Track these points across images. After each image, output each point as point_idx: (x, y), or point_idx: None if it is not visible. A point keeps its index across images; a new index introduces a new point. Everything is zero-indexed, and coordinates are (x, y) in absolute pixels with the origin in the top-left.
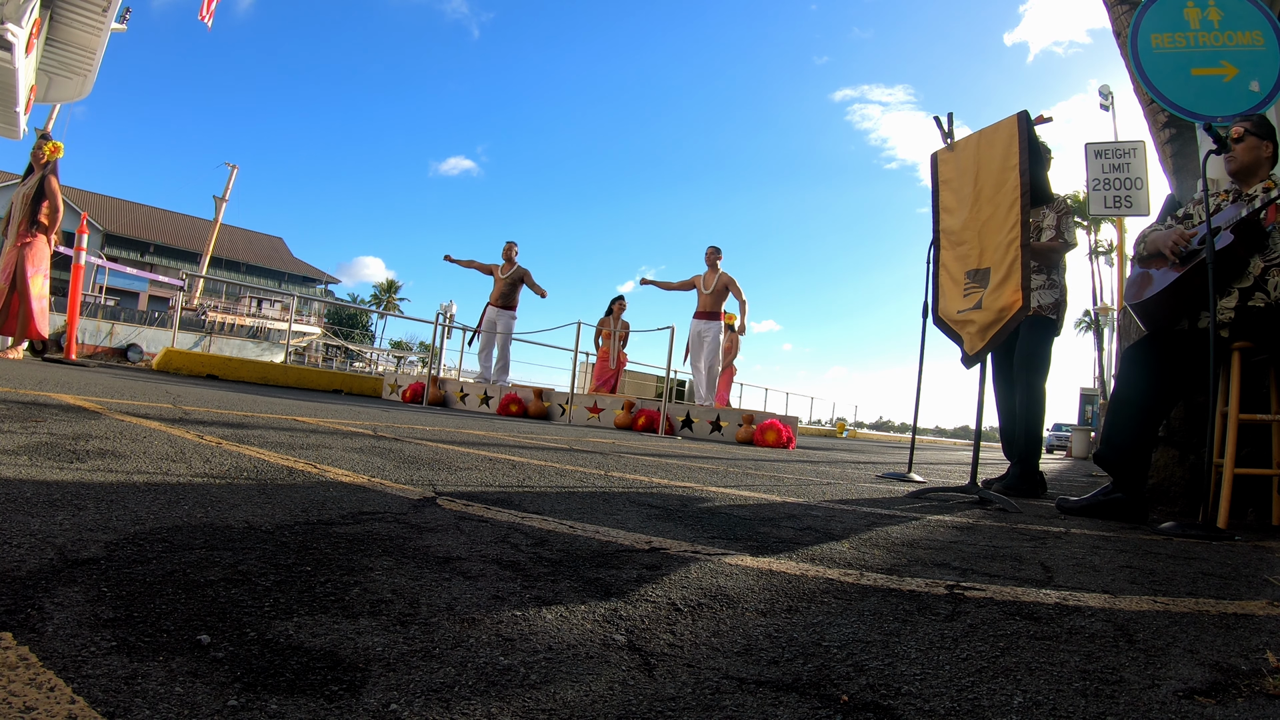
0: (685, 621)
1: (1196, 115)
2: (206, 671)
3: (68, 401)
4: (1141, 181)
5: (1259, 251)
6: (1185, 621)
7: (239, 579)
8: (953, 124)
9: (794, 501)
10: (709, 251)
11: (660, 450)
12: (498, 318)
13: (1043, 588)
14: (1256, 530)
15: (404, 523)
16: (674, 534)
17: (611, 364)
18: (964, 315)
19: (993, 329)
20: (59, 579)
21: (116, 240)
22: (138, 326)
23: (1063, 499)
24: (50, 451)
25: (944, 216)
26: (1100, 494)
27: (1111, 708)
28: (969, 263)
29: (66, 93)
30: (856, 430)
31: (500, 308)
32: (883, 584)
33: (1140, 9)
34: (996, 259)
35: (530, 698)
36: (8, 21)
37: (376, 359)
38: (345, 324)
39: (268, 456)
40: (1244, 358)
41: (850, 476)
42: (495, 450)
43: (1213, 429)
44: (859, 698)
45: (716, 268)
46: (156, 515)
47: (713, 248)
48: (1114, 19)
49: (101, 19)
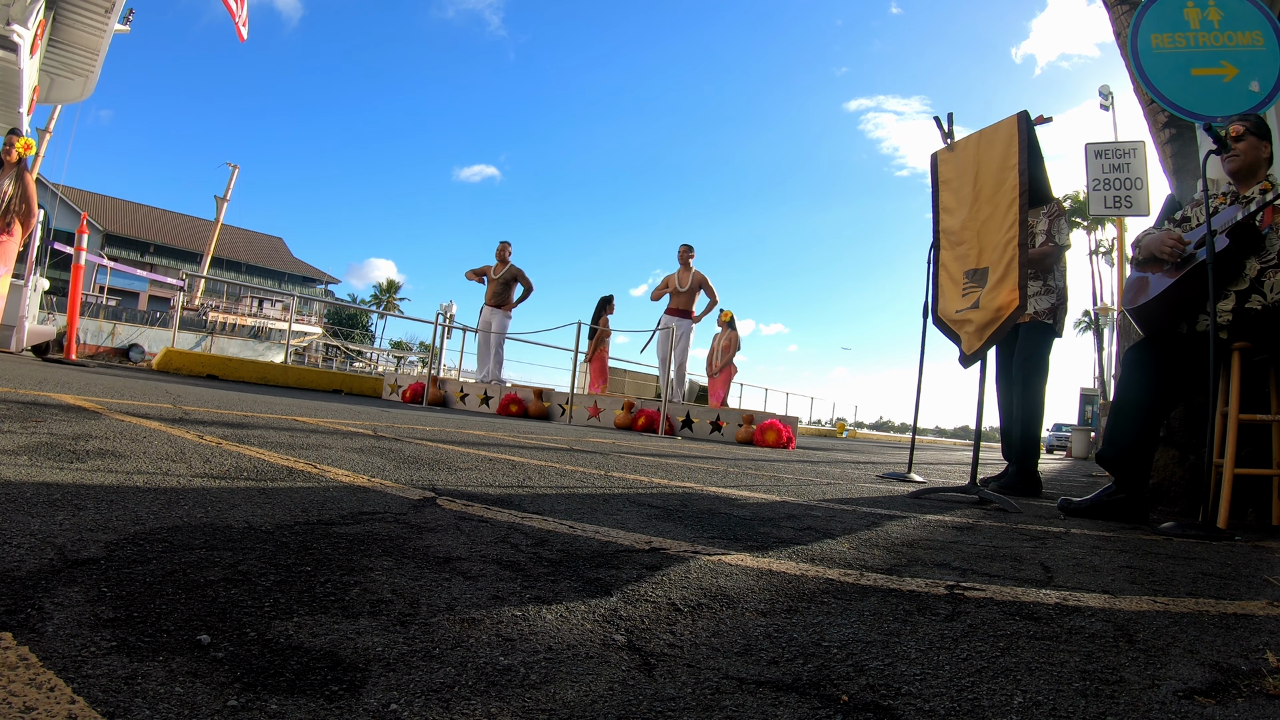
0: (685, 621)
1: (1196, 115)
2: (206, 671)
3: (68, 401)
4: (1141, 181)
5: (1255, 254)
6: (1185, 621)
7: (239, 579)
8: (953, 124)
9: (794, 501)
10: (681, 250)
11: (660, 450)
12: (492, 317)
13: (1043, 588)
14: (1256, 530)
15: (404, 523)
16: (674, 534)
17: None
18: (962, 315)
19: (990, 328)
20: (59, 579)
21: (116, 240)
22: (140, 326)
23: (1066, 499)
24: (50, 451)
25: (944, 217)
26: (1103, 494)
27: (1111, 708)
28: (968, 262)
29: (69, 93)
30: (856, 430)
31: (494, 307)
32: (883, 584)
33: (1140, 9)
34: (994, 258)
35: (530, 698)
36: (14, 22)
37: (376, 359)
38: (345, 324)
39: (268, 456)
40: (1244, 358)
41: (850, 476)
42: (495, 450)
43: (1213, 429)
44: (859, 698)
45: (689, 266)
46: (156, 515)
47: (685, 245)
48: (1114, 19)
49: (105, 20)
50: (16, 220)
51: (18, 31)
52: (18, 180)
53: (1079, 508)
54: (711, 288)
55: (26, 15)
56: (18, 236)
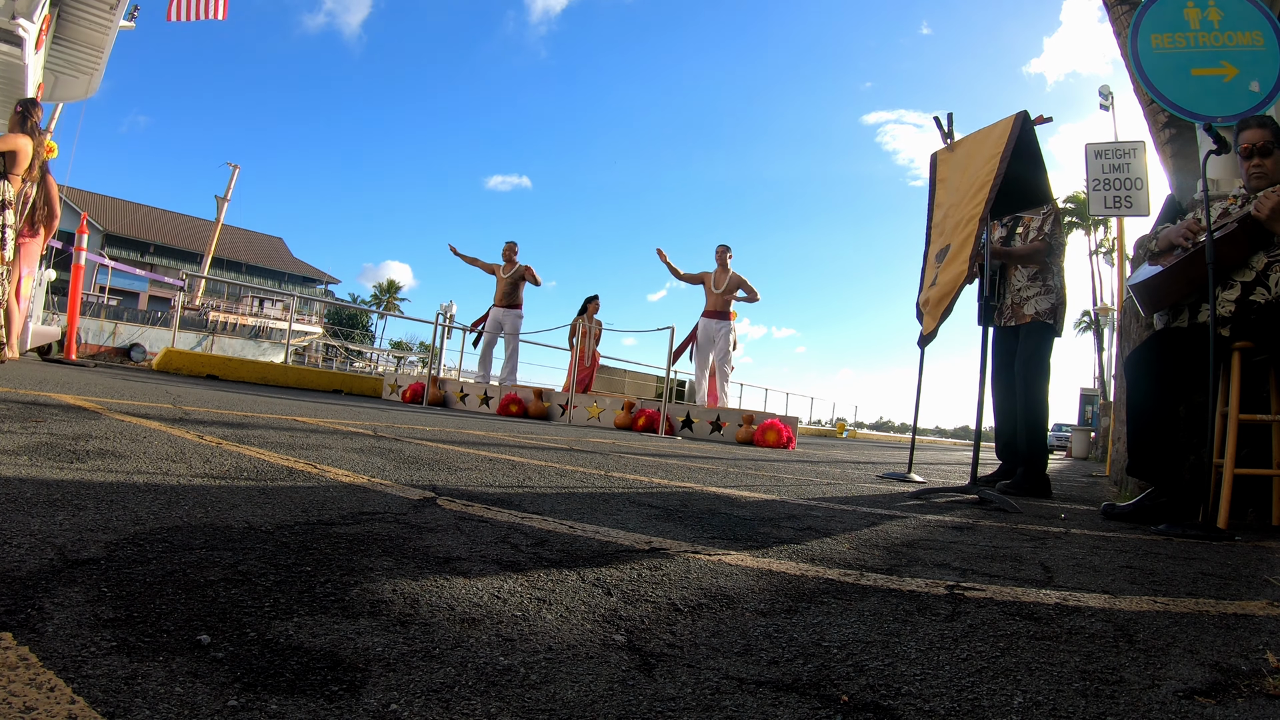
0: (685, 621)
1: (1196, 115)
2: (206, 671)
3: (68, 401)
4: (1141, 181)
5: (1263, 248)
6: (1185, 622)
7: (239, 579)
8: (952, 124)
9: (794, 501)
10: (719, 250)
11: (660, 450)
12: (503, 317)
13: (1043, 588)
14: (1256, 530)
15: (404, 523)
16: (674, 534)
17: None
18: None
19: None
20: (59, 579)
21: (116, 240)
22: (141, 326)
23: (1109, 505)
24: (50, 451)
25: (936, 213)
26: (1146, 498)
27: (1111, 708)
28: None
29: (73, 92)
30: (856, 430)
31: (505, 307)
32: (883, 584)
33: (1140, 9)
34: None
35: (530, 698)
36: (19, 16)
37: (376, 359)
38: (345, 324)
39: (268, 456)
40: (1244, 358)
41: (850, 476)
42: (495, 450)
43: (1213, 429)
44: (859, 698)
45: (727, 267)
46: (156, 515)
47: (722, 246)
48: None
49: (110, 17)
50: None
51: (23, 25)
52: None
53: (1123, 512)
54: (751, 286)
55: (31, 10)
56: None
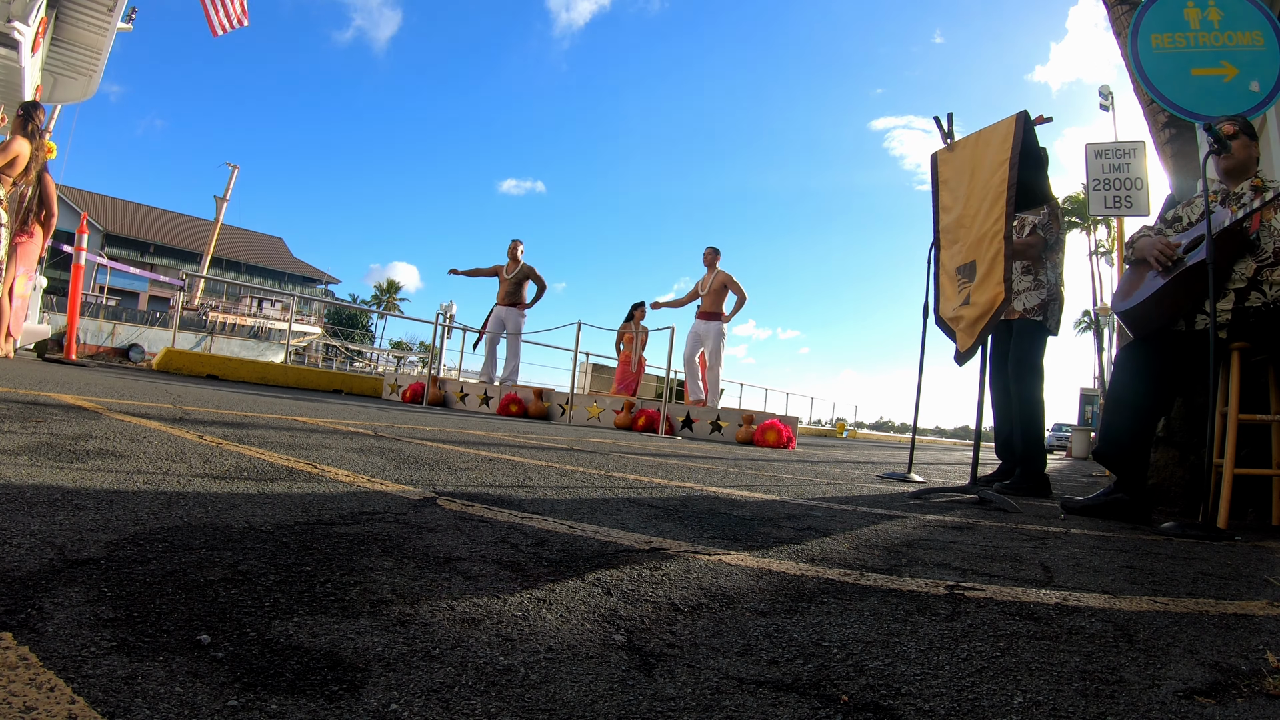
0: (685, 621)
1: (1196, 115)
2: (206, 671)
3: (68, 401)
4: (1141, 181)
5: (1242, 258)
6: (1185, 622)
7: (239, 579)
8: (953, 124)
9: (794, 501)
10: (707, 252)
11: (660, 450)
12: (506, 316)
13: (1043, 588)
14: (1256, 530)
15: (404, 523)
16: (674, 534)
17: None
18: (956, 312)
19: (980, 323)
20: (59, 579)
21: (116, 240)
22: (140, 326)
23: (1067, 499)
24: (50, 451)
25: (943, 216)
26: (1103, 494)
27: (1111, 708)
28: (958, 259)
29: (71, 93)
30: (856, 430)
31: (508, 306)
32: (883, 584)
33: (1140, 9)
34: (981, 252)
35: (530, 698)
36: (15, 20)
37: (376, 359)
38: (345, 324)
39: (268, 456)
40: (1243, 358)
41: (850, 476)
42: (495, 450)
43: (1212, 429)
44: (859, 698)
45: (714, 267)
46: (156, 515)
47: (710, 248)
48: (1114, 19)
49: (108, 19)
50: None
51: (19, 28)
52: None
53: (1078, 507)
54: (738, 285)
55: (27, 12)
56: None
